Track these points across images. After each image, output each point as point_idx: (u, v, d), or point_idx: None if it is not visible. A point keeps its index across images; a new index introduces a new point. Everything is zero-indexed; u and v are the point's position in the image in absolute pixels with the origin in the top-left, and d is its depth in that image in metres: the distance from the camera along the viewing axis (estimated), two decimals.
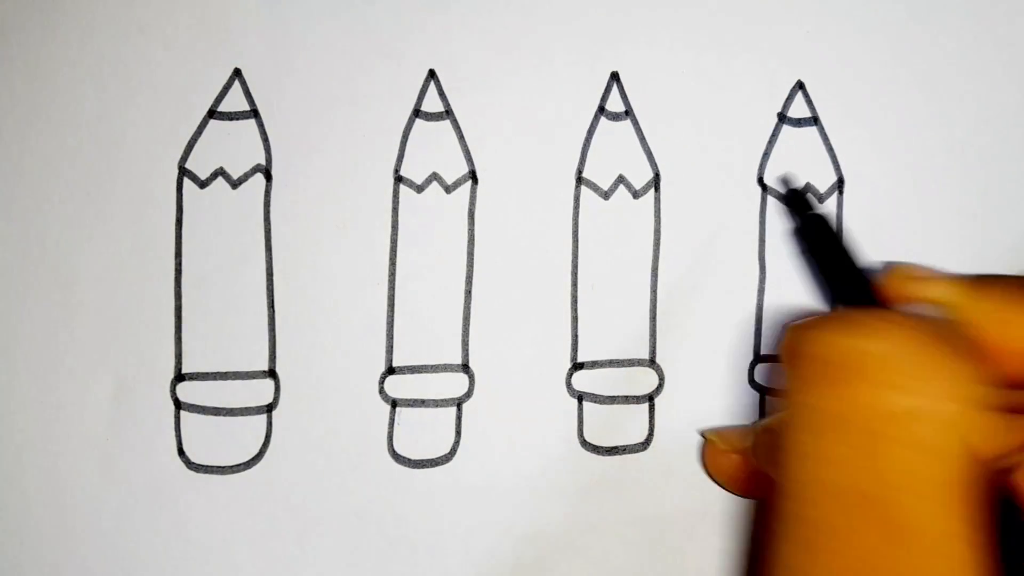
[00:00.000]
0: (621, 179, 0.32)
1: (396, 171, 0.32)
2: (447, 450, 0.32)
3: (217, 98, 0.32)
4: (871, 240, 0.32)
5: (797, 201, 0.30)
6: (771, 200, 0.33)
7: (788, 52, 0.32)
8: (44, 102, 0.32)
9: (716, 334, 0.32)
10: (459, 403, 0.32)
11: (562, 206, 0.32)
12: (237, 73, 0.32)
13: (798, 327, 0.21)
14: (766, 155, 0.32)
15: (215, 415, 0.32)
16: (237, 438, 0.32)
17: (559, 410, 0.32)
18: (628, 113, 0.32)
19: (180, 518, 0.32)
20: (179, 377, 0.32)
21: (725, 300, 0.32)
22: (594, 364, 0.32)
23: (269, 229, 0.32)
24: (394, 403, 0.32)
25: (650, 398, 0.32)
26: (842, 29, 0.32)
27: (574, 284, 0.32)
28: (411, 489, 0.32)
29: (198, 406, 0.32)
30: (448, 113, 0.32)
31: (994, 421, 0.21)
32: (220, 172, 0.32)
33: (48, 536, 0.32)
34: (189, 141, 0.32)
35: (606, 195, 0.32)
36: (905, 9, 0.32)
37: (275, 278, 0.32)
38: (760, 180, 0.32)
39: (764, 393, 0.32)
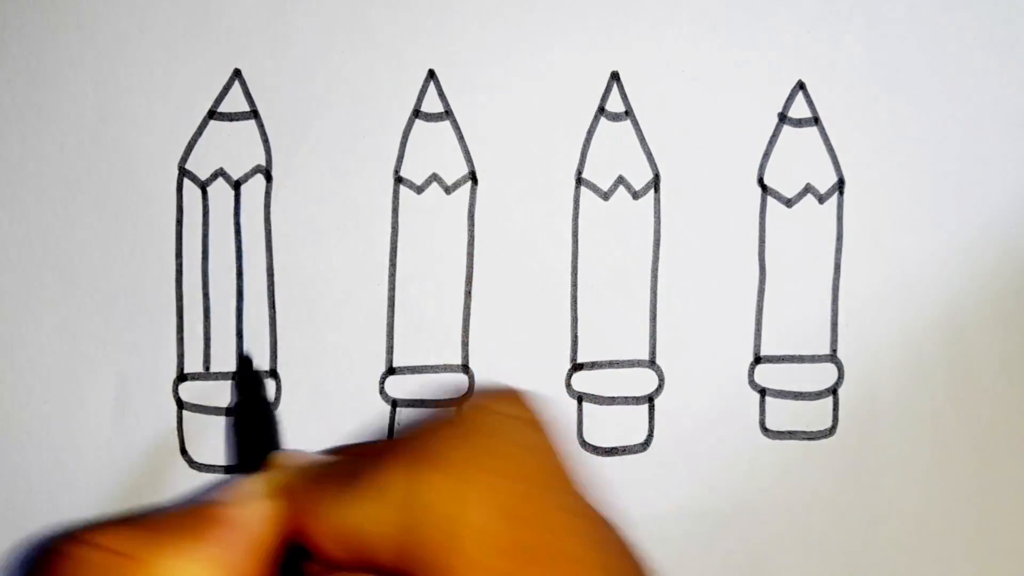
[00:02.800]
0: (621, 180, 0.32)
1: (396, 172, 0.32)
2: None
3: (217, 99, 0.32)
4: (872, 241, 0.32)
5: (245, 382, 0.31)
6: (771, 201, 0.33)
7: (789, 52, 0.32)
8: (44, 102, 0.32)
9: (716, 335, 0.32)
10: (459, 403, 0.32)
11: (562, 207, 0.32)
12: (237, 74, 0.32)
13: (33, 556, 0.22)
14: (766, 155, 0.32)
15: (217, 415, 0.32)
16: None
17: (559, 410, 0.32)
18: (628, 113, 0.32)
19: None
20: (181, 377, 0.32)
21: (725, 301, 0.32)
22: (594, 365, 0.32)
23: (269, 229, 0.32)
24: (394, 403, 0.32)
25: (650, 399, 0.32)
26: (843, 29, 0.32)
27: (574, 285, 0.32)
28: None
29: (200, 406, 0.32)
30: (448, 114, 0.32)
31: None
32: (220, 173, 0.32)
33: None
34: (189, 142, 0.32)
35: (606, 196, 0.32)
36: (906, 9, 0.32)
37: (276, 279, 0.32)
38: (760, 181, 0.32)
39: (764, 394, 0.33)
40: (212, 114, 0.32)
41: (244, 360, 0.32)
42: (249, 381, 0.31)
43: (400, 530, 0.20)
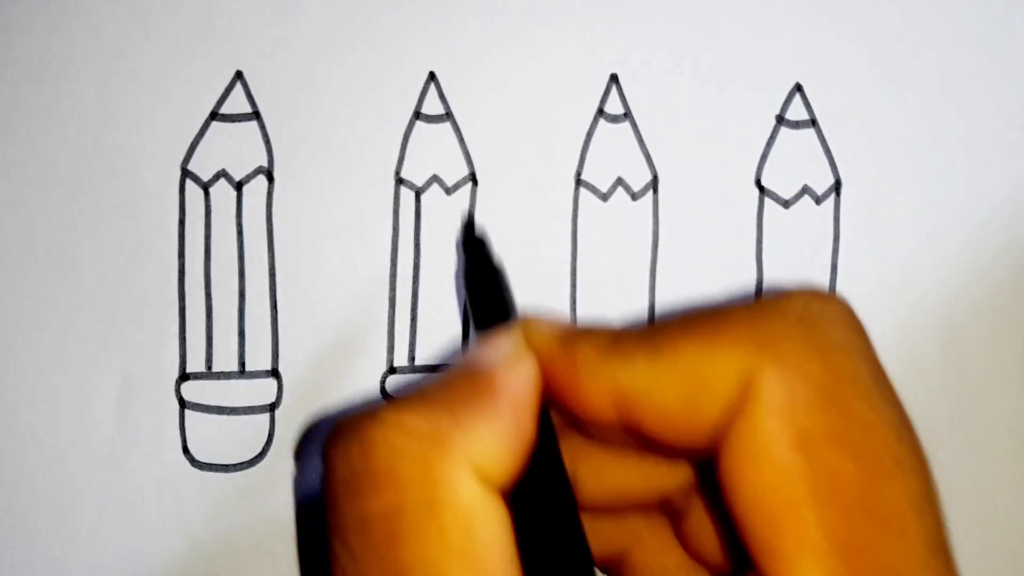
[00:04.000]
0: (620, 181, 0.33)
1: (397, 173, 0.33)
2: None
3: (219, 100, 0.32)
4: (869, 242, 0.33)
5: (472, 246, 0.30)
6: (768, 202, 0.33)
7: (786, 54, 0.33)
8: (47, 103, 0.32)
9: None
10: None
11: (561, 208, 0.33)
12: (239, 75, 0.32)
13: (329, 437, 0.21)
14: (764, 157, 0.33)
15: (219, 414, 0.33)
16: (240, 436, 0.33)
17: None
18: (627, 115, 0.33)
19: (184, 515, 0.32)
20: (183, 376, 0.33)
21: (723, 301, 0.33)
22: None
23: (271, 230, 0.33)
24: None
25: None
26: (840, 31, 0.33)
27: (573, 286, 0.33)
28: None
29: (202, 405, 0.33)
30: (448, 115, 0.33)
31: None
32: (222, 174, 0.33)
33: (55, 533, 0.32)
34: (191, 143, 0.32)
35: (605, 197, 0.33)
36: (903, 11, 0.33)
37: (277, 279, 0.33)
38: (758, 182, 0.33)
39: None
40: (214, 115, 0.33)
41: (469, 222, 0.31)
42: (476, 244, 0.30)
43: (685, 400, 0.20)
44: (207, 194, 0.33)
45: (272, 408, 0.33)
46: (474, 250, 0.29)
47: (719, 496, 0.21)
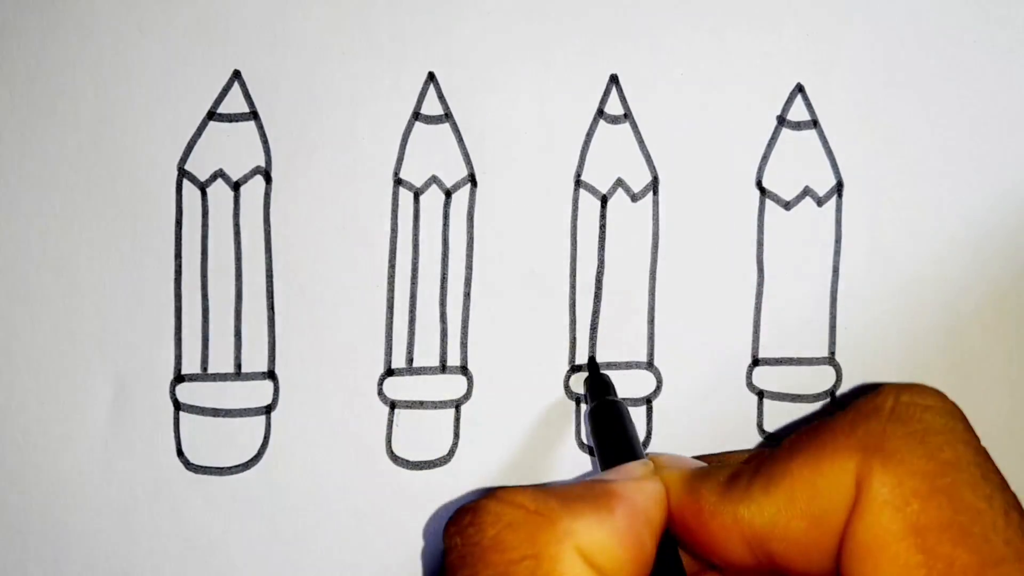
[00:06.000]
0: (620, 182, 0.32)
1: (395, 174, 0.32)
2: (445, 452, 0.32)
3: (216, 99, 0.32)
4: (871, 244, 0.32)
5: (596, 385, 0.31)
6: (770, 203, 0.33)
7: (788, 55, 0.32)
8: (43, 103, 0.32)
9: (714, 337, 0.32)
10: (458, 405, 0.32)
11: (561, 209, 0.32)
12: (236, 75, 0.32)
13: (451, 516, 0.22)
14: (765, 158, 0.32)
15: (214, 416, 0.32)
16: (236, 439, 0.32)
17: (557, 412, 0.32)
18: (627, 116, 0.32)
19: (179, 519, 0.32)
20: (178, 378, 0.32)
21: (723, 303, 0.32)
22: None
23: (269, 231, 0.32)
24: (392, 405, 0.32)
25: (648, 401, 0.32)
26: (842, 31, 0.32)
27: (572, 287, 0.32)
28: (409, 491, 0.32)
29: (197, 407, 0.32)
30: (448, 116, 0.32)
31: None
32: (219, 174, 0.32)
33: (48, 536, 0.32)
34: (188, 142, 0.32)
35: (605, 198, 0.32)
36: (905, 12, 0.32)
37: (275, 280, 0.32)
38: (759, 184, 0.32)
39: (762, 396, 0.32)
40: (212, 115, 0.32)
41: (592, 362, 0.32)
42: (599, 383, 0.31)
43: (810, 521, 0.21)
44: (204, 194, 0.32)
45: (268, 410, 0.32)
46: (599, 390, 0.30)
47: None
